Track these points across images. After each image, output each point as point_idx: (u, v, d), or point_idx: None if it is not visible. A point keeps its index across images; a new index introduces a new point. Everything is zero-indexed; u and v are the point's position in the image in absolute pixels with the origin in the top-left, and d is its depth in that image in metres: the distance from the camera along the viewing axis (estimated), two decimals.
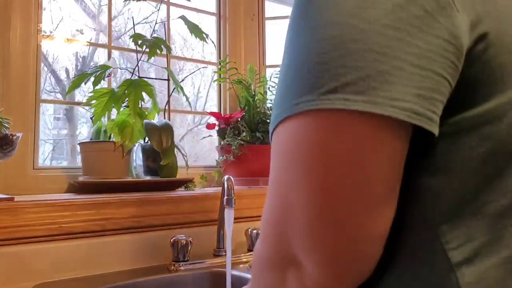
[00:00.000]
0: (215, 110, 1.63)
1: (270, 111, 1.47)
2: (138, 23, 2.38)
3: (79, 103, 1.80)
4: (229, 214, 0.90)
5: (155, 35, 1.32)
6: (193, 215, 1.07)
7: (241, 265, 0.99)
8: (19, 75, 1.16)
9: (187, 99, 1.35)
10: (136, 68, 1.29)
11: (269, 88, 1.51)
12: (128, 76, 1.33)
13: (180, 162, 1.30)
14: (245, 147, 1.32)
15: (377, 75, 0.30)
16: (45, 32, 1.27)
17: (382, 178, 0.33)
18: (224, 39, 1.63)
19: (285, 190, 0.35)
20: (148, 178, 1.25)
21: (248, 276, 0.90)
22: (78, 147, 1.23)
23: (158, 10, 1.45)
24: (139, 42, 1.24)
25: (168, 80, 1.38)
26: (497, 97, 0.35)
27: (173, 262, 0.96)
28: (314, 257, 0.34)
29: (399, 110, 0.30)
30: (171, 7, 1.51)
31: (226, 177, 0.95)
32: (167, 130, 1.23)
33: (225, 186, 0.93)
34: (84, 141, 1.23)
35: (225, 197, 0.91)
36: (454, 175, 0.35)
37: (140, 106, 1.22)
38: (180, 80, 1.38)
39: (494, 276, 0.34)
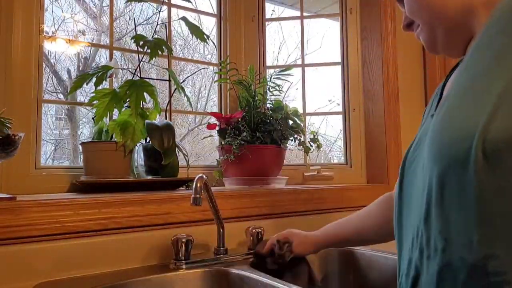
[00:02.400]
0: (216, 110, 1.64)
1: (270, 111, 1.48)
2: (140, 24, 2.40)
3: (81, 104, 1.81)
4: None
5: (156, 36, 1.33)
6: (194, 214, 1.07)
7: (241, 264, 0.99)
8: (21, 75, 1.17)
9: (188, 99, 1.35)
10: (138, 69, 1.29)
11: (269, 88, 1.52)
12: (129, 76, 1.34)
13: (181, 161, 1.31)
14: (246, 147, 1.33)
15: None
16: (47, 33, 1.28)
17: None
18: (225, 40, 1.63)
19: None
20: (149, 177, 1.26)
21: (248, 275, 0.91)
22: (80, 147, 1.24)
23: (160, 11, 1.46)
24: (141, 43, 1.25)
25: (169, 80, 1.38)
26: None
27: (174, 261, 0.97)
28: None
29: None
30: (172, 8, 1.52)
31: (197, 176, 0.94)
32: (168, 130, 1.24)
33: (194, 185, 0.92)
34: (86, 141, 1.24)
35: (192, 196, 0.91)
36: None
37: (141, 106, 1.23)
38: (181, 81, 1.39)
39: None
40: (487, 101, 0.44)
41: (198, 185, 0.92)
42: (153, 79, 1.53)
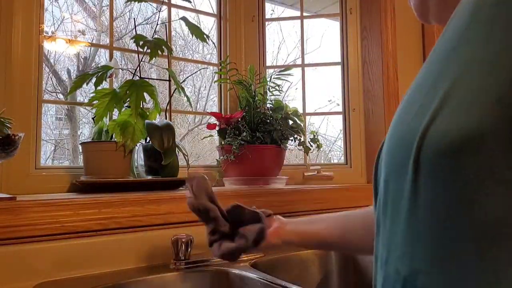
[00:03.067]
0: (216, 110, 1.64)
1: (270, 111, 1.48)
2: (139, 24, 2.40)
3: (80, 104, 1.81)
4: None
5: (156, 36, 1.33)
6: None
7: (241, 264, 0.99)
8: (21, 75, 1.17)
9: (188, 99, 1.35)
10: (138, 69, 1.29)
11: (269, 88, 1.52)
12: (129, 76, 1.34)
13: (181, 161, 1.31)
14: (245, 147, 1.33)
15: None
16: (47, 33, 1.28)
17: None
18: (225, 40, 1.63)
19: None
20: (149, 177, 1.26)
21: (248, 275, 0.91)
22: (80, 147, 1.24)
23: (159, 11, 1.46)
24: (141, 43, 1.25)
25: (169, 80, 1.38)
26: None
27: (174, 261, 0.97)
28: None
29: None
30: (172, 8, 1.52)
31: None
32: (168, 130, 1.24)
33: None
34: (85, 141, 1.24)
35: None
36: None
37: (141, 106, 1.23)
38: (181, 81, 1.39)
39: None
40: (433, 99, 0.37)
41: None
42: (153, 79, 1.53)
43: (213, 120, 1.51)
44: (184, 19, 1.36)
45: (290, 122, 1.48)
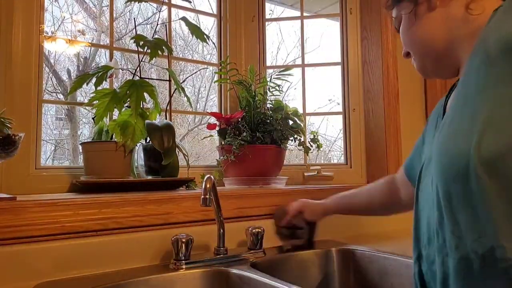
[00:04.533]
0: (215, 110, 1.64)
1: (270, 112, 1.48)
2: (140, 24, 2.40)
3: (81, 104, 1.81)
4: None
5: (156, 36, 1.33)
6: (194, 214, 1.07)
7: (241, 264, 0.99)
8: (21, 75, 1.17)
9: (188, 99, 1.35)
10: (138, 69, 1.29)
11: (269, 88, 1.52)
12: (129, 76, 1.34)
13: (181, 161, 1.31)
14: (246, 147, 1.33)
15: None
16: (47, 33, 1.28)
17: None
18: (225, 40, 1.63)
19: None
20: (149, 177, 1.26)
21: (248, 275, 0.91)
22: (80, 147, 1.24)
23: (159, 11, 1.46)
24: (141, 43, 1.25)
25: (169, 80, 1.38)
26: None
27: (174, 261, 0.97)
28: None
29: None
30: (172, 8, 1.52)
31: (206, 176, 0.96)
32: (168, 130, 1.24)
33: (203, 185, 0.94)
34: (86, 141, 1.24)
35: (202, 197, 0.92)
36: None
37: (141, 106, 1.23)
38: (181, 81, 1.39)
39: None
40: (474, 127, 0.53)
41: (208, 186, 0.93)
42: (153, 79, 1.53)
43: (213, 120, 1.51)
44: (184, 19, 1.36)
45: (290, 122, 1.47)
